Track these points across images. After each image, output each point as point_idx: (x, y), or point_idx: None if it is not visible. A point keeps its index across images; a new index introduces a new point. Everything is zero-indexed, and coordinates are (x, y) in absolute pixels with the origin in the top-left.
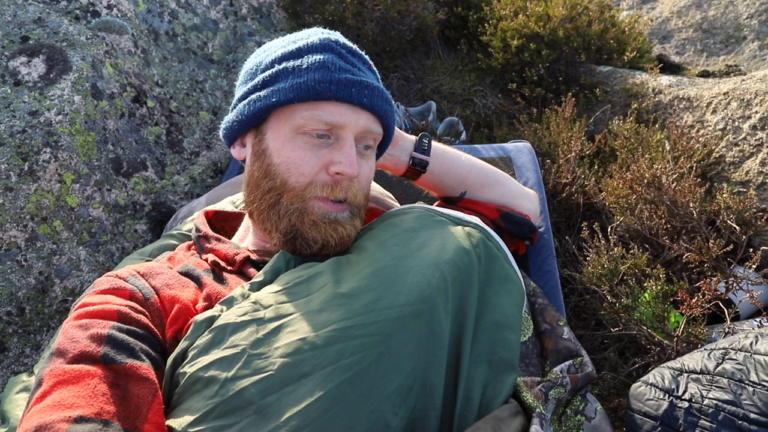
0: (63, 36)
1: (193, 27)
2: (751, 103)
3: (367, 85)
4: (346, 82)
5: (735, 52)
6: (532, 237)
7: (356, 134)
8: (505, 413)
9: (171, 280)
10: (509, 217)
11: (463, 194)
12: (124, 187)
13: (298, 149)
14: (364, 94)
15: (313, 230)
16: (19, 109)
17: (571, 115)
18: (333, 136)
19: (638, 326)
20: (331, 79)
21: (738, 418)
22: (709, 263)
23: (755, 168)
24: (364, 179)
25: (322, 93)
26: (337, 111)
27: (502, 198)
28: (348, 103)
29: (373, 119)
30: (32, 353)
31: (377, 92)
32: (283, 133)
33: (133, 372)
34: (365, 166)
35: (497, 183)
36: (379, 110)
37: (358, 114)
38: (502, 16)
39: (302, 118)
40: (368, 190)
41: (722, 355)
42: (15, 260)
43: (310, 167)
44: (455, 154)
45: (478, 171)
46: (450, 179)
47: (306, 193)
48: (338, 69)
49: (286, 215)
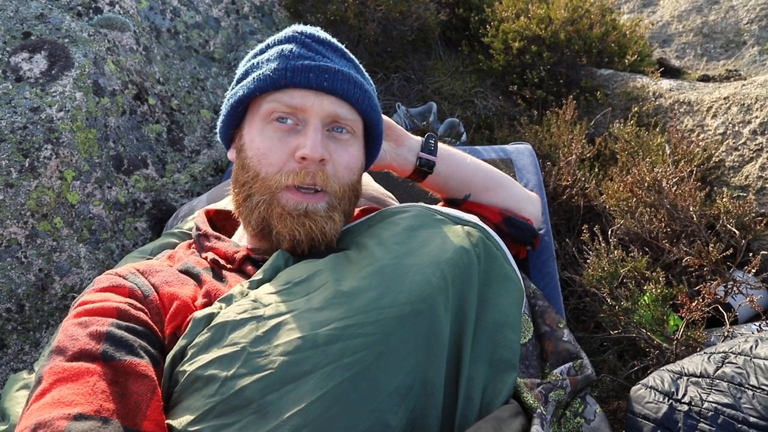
0: (65, 32)
1: (194, 25)
2: (752, 108)
3: (327, 69)
4: (302, 68)
5: (735, 56)
6: (534, 242)
7: (322, 118)
8: (506, 413)
9: (170, 278)
10: (512, 222)
11: (467, 196)
12: (124, 184)
13: (267, 139)
14: (324, 78)
15: (280, 224)
16: (20, 105)
17: (571, 118)
18: (301, 123)
19: (637, 329)
20: (286, 66)
21: (737, 421)
22: (708, 267)
23: (755, 173)
24: (340, 166)
25: (278, 81)
26: (298, 95)
27: (506, 201)
28: (309, 89)
29: (340, 103)
30: (31, 350)
31: (341, 75)
32: (255, 126)
33: (132, 369)
34: (341, 154)
35: (501, 186)
36: (344, 93)
37: (321, 98)
38: (504, 18)
39: (267, 108)
40: (350, 180)
41: (722, 359)
42: (15, 257)
43: (278, 155)
44: (461, 155)
45: (483, 173)
46: (455, 181)
47: (273, 182)
48: (296, 56)
49: (256, 207)
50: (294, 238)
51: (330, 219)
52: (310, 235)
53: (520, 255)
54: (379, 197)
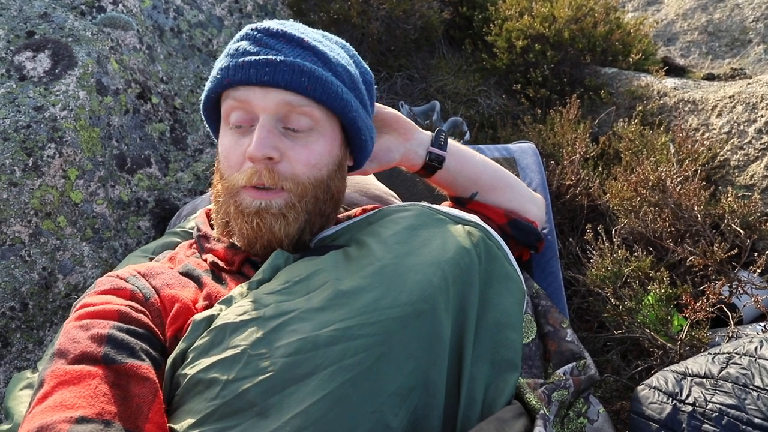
0: (68, 31)
1: (198, 24)
2: (757, 106)
3: (268, 62)
4: (243, 65)
5: (740, 55)
6: (538, 246)
7: (273, 114)
8: (508, 414)
9: (171, 280)
10: (517, 224)
11: (474, 195)
12: (127, 183)
13: (227, 141)
14: (264, 71)
15: (234, 222)
16: (24, 104)
17: (575, 117)
18: (254, 122)
19: (641, 329)
20: (229, 65)
21: (742, 422)
22: (713, 267)
23: (760, 172)
24: (298, 163)
25: (222, 80)
26: (243, 94)
27: (512, 203)
28: (251, 85)
29: (288, 95)
30: (35, 349)
31: (283, 66)
32: (222, 129)
33: (133, 372)
34: (298, 150)
35: (509, 186)
36: (287, 84)
37: (266, 92)
38: (508, 17)
39: (223, 111)
40: (315, 177)
41: (726, 360)
42: (19, 255)
43: (236, 157)
44: (470, 152)
45: (491, 172)
46: (464, 178)
47: (232, 183)
48: (242, 54)
49: (221, 209)
50: (244, 236)
51: (282, 217)
52: (258, 233)
53: (522, 257)
54: (381, 195)
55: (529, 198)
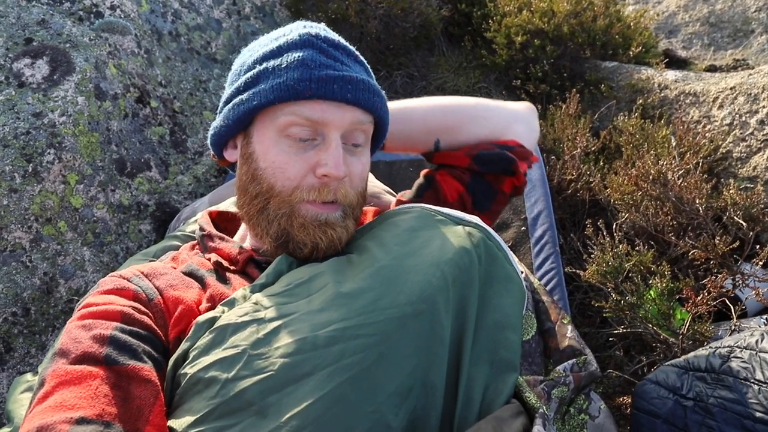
0: (66, 37)
1: (196, 27)
2: (759, 97)
3: (350, 79)
4: (326, 79)
5: (743, 46)
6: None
7: (343, 132)
8: (506, 413)
9: (175, 281)
10: (481, 158)
11: (437, 143)
12: (128, 187)
13: (283, 153)
14: (348, 89)
15: (302, 233)
16: (23, 111)
17: (575, 112)
18: (319, 136)
19: (643, 324)
20: (311, 77)
21: (743, 416)
22: (715, 260)
23: (763, 163)
24: (356, 178)
25: (302, 92)
26: (319, 108)
27: (481, 133)
28: (331, 100)
29: (360, 113)
30: (37, 353)
31: (362, 85)
32: (268, 136)
33: (135, 373)
34: (357, 165)
35: (472, 119)
36: (366, 104)
37: (343, 110)
38: (506, 12)
39: (285, 119)
40: (362, 188)
41: (728, 353)
42: (20, 261)
43: (296, 171)
44: (411, 105)
45: (441, 115)
46: (416, 132)
47: (293, 197)
48: (318, 65)
49: (275, 220)
50: (316, 246)
51: (345, 228)
52: (331, 243)
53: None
54: (377, 191)
55: (505, 122)
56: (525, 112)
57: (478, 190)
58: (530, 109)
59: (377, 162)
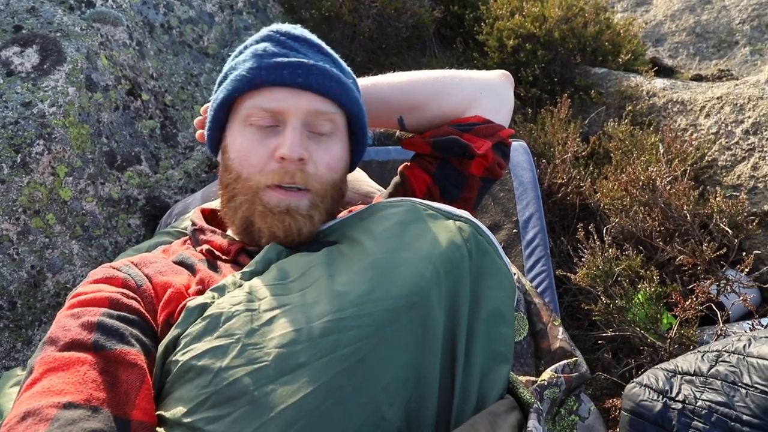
0: (57, 26)
1: (188, 20)
2: (744, 107)
3: (300, 64)
4: (275, 65)
5: (727, 56)
6: (471, 152)
7: (303, 117)
8: (501, 408)
9: (164, 268)
10: (437, 145)
11: (402, 121)
12: (117, 180)
13: (247, 141)
14: (297, 74)
15: (260, 220)
16: (11, 100)
17: (566, 116)
18: (281, 123)
19: (631, 327)
20: (260, 65)
21: (731, 419)
22: (702, 266)
23: (747, 172)
24: (321, 166)
25: (253, 80)
26: (275, 96)
27: (446, 110)
28: (285, 87)
29: (318, 100)
30: (24, 348)
31: (315, 70)
32: (236, 128)
33: (122, 358)
34: (321, 153)
35: (437, 96)
36: (320, 88)
37: (299, 96)
38: (499, 16)
39: (245, 110)
40: (332, 179)
41: (716, 358)
42: (7, 254)
43: (259, 157)
44: (377, 81)
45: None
46: (378, 111)
47: (255, 183)
48: (270, 54)
49: (240, 208)
50: (273, 234)
51: (310, 218)
52: (288, 232)
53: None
54: (372, 192)
55: (470, 94)
56: (494, 82)
57: (445, 178)
58: (502, 77)
59: (370, 161)
